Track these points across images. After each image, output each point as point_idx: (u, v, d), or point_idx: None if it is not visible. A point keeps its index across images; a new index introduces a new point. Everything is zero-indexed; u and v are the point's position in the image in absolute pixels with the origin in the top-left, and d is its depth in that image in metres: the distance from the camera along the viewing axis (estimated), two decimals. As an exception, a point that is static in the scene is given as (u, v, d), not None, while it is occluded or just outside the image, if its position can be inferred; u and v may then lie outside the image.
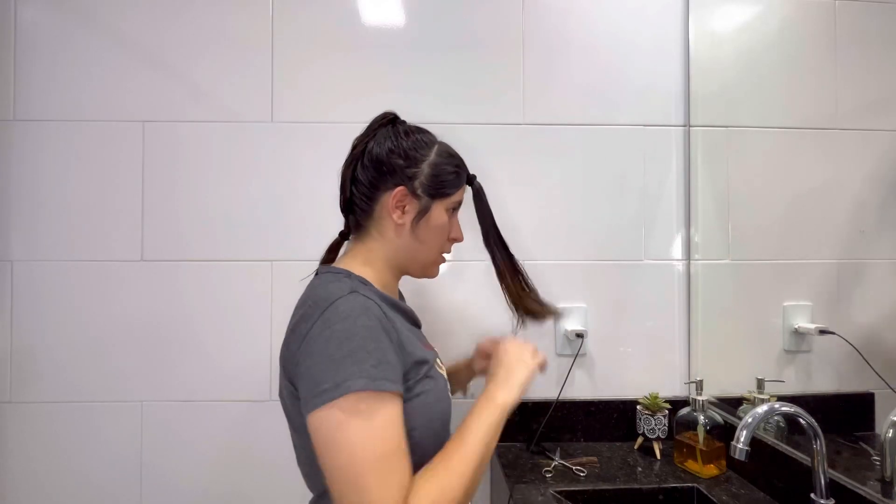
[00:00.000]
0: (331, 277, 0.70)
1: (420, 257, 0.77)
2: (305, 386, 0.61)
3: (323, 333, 0.61)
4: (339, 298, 0.63)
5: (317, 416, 0.58)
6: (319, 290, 0.68)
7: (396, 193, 0.72)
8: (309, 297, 0.69)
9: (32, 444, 1.15)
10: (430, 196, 0.74)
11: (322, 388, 0.58)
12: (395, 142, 0.74)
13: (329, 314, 0.62)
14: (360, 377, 0.58)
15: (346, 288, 0.65)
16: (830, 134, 0.93)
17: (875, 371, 0.81)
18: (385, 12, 1.20)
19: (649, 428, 1.09)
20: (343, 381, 0.57)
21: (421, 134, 0.77)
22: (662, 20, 1.22)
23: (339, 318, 0.61)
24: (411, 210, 0.74)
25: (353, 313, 0.62)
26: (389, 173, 0.73)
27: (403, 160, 0.73)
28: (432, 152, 0.75)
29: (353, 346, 0.59)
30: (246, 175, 1.18)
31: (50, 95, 1.16)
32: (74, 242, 1.15)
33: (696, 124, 1.21)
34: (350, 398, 0.57)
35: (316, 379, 0.59)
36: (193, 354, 1.16)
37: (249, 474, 1.16)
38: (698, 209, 1.20)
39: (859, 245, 0.87)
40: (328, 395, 0.57)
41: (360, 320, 0.61)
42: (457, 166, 0.78)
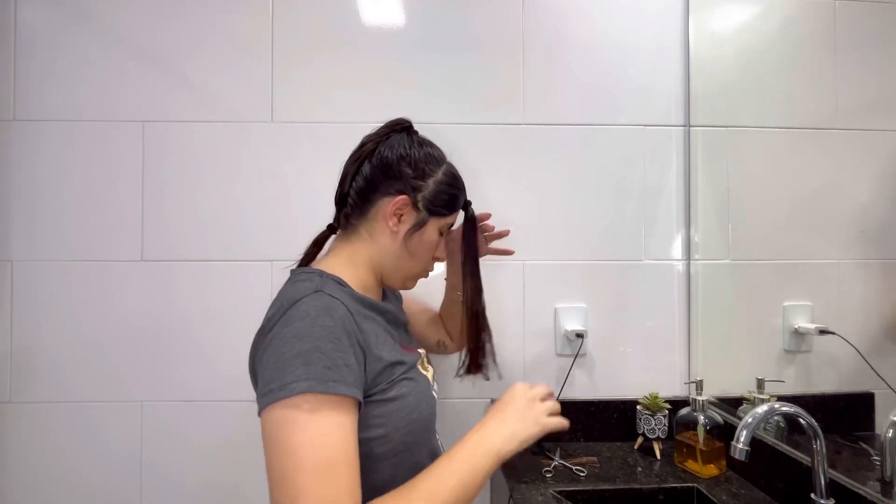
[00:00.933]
0: (302, 277, 0.69)
1: (404, 268, 0.77)
2: (259, 385, 0.60)
3: (281, 332, 0.60)
4: (304, 298, 0.62)
5: (263, 415, 0.57)
6: (289, 290, 0.67)
7: (398, 201, 0.72)
8: (279, 296, 0.69)
9: (32, 444, 1.15)
10: (429, 212, 0.75)
11: (269, 388, 0.56)
12: (407, 150, 0.74)
13: (291, 314, 0.61)
14: (307, 378, 0.55)
15: (311, 287, 0.64)
16: (830, 134, 0.93)
17: (875, 371, 0.81)
18: (385, 12, 1.20)
19: (649, 428, 1.09)
20: (290, 381, 0.55)
21: (432, 149, 0.78)
22: (662, 20, 1.22)
23: (299, 318, 0.60)
24: (408, 221, 0.74)
25: (312, 312, 0.60)
26: (395, 178, 0.73)
27: (412, 170, 0.73)
28: (440, 171, 0.76)
29: (306, 346, 0.57)
30: (246, 175, 1.18)
31: (49, 95, 1.16)
32: (74, 242, 1.15)
33: (696, 124, 1.21)
34: (296, 399, 0.55)
35: (266, 378, 0.58)
36: (193, 354, 1.16)
37: (249, 474, 1.16)
38: (698, 209, 1.20)
39: (859, 245, 0.87)
40: (274, 395, 0.55)
41: (319, 320, 0.59)
42: (458, 189, 0.79)
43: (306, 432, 0.54)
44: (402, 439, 0.65)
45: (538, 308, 1.20)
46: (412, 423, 0.67)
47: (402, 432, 0.66)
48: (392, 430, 0.64)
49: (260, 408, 0.57)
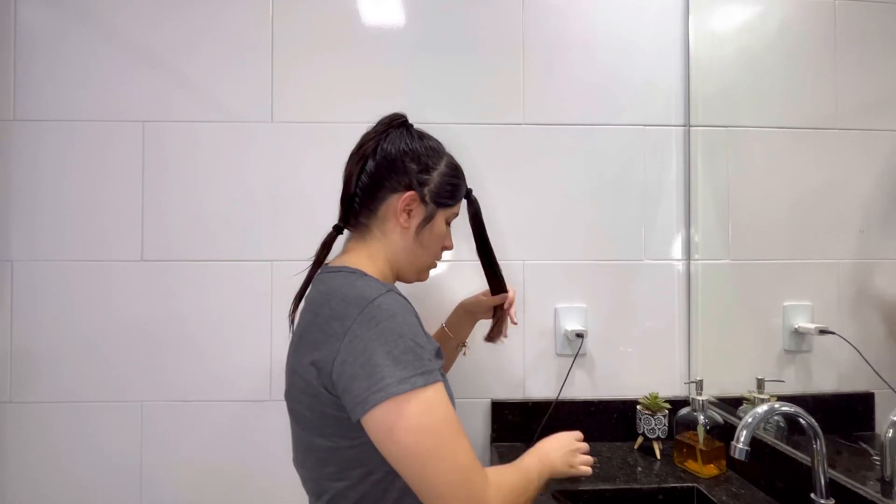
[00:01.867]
0: (352, 276, 0.70)
1: (418, 261, 0.79)
2: (362, 384, 0.60)
3: (371, 331, 0.61)
4: (380, 296, 0.64)
5: (383, 410, 0.59)
6: (346, 288, 0.67)
7: (406, 197, 0.74)
8: (332, 294, 0.67)
9: (32, 444, 1.15)
10: (436, 204, 0.77)
11: (386, 383, 0.59)
12: (409, 144, 0.75)
13: (373, 312, 0.62)
14: (420, 373, 0.60)
15: (380, 286, 0.67)
16: (830, 134, 0.93)
17: (875, 371, 0.81)
18: (385, 12, 1.20)
19: (649, 428, 1.09)
20: (406, 377, 0.60)
21: (432, 141, 0.80)
22: (662, 20, 1.23)
23: (387, 316, 0.62)
24: (417, 215, 0.76)
25: (398, 311, 0.63)
26: (400, 174, 0.74)
27: (416, 165, 0.75)
28: (443, 163, 0.78)
29: (409, 343, 0.61)
30: (246, 175, 1.18)
31: (50, 95, 1.16)
32: (74, 242, 1.15)
33: (696, 124, 1.21)
34: (415, 392, 0.60)
35: (374, 376, 0.60)
36: (193, 354, 1.16)
37: (249, 474, 1.16)
38: (698, 209, 1.20)
39: (859, 245, 0.87)
40: (392, 389, 0.59)
41: (407, 318, 0.64)
42: (461, 179, 0.82)
43: (439, 411, 0.61)
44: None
45: (538, 308, 1.20)
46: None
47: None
48: None
49: (374, 403, 0.60)
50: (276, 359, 1.17)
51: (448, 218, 0.81)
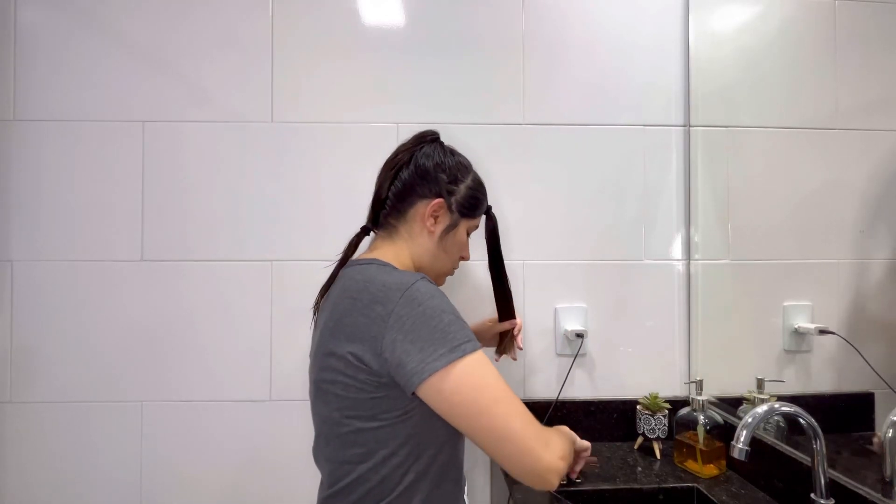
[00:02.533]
0: (387, 267, 0.75)
1: (438, 265, 0.85)
2: (415, 358, 0.65)
3: (415, 311, 0.66)
4: (418, 281, 0.69)
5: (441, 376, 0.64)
6: (382, 276, 0.71)
7: (435, 203, 0.80)
8: (370, 281, 0.71)
9: (32, 443, 1.15)
10: (460, 213, 0.83)
11: (440, 353, 0.64)
12: (442, 158, 0.82)
13: (413, 294, 0.67)
14: (470, 340, 0.67)
15: (415, 274, 0.71)
16: (830, 134, 0.93)
17: (875, 371, 0.81)
18: (385, 12, 1.20)
19: (649, 428, 1.09)
20: (459, 343, 0.65)
21: (461, 157, 0.86)
22: (662, 20, 1.23)
23: (427, 297, 0.68)
24: (443, 221, 0.82)
25: (436, 293, 0.69)
26: (432, 183, 0.81)
27: (447, 176, 0.82)
28: (469, 177, 0.85)
29: (451, 317, 0.67)
30: (246, 175, 1.18)
31: (50, 95, 1.16)
32: (74, 242, 1.15)
33: (696, 124, 1.21)
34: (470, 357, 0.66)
35: (427, 348, 0.65)
36: (193, 354, 1.16)
37: (249, 474, 1.16)
38: (698, 209, 1.20)
39: (859, 245, 0.87)
40: (447, 357, 0.64)
41: (444, 300, 0.69)
42: (484, 195, 0.88)
43: (492, 374, 0.67)
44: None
45: (538, 308, 1.20)
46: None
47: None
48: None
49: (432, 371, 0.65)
50: (276, 359, 1.17)
51: (469, 229, 0.87)
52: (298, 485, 1.14)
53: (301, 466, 1.14)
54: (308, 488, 0.78)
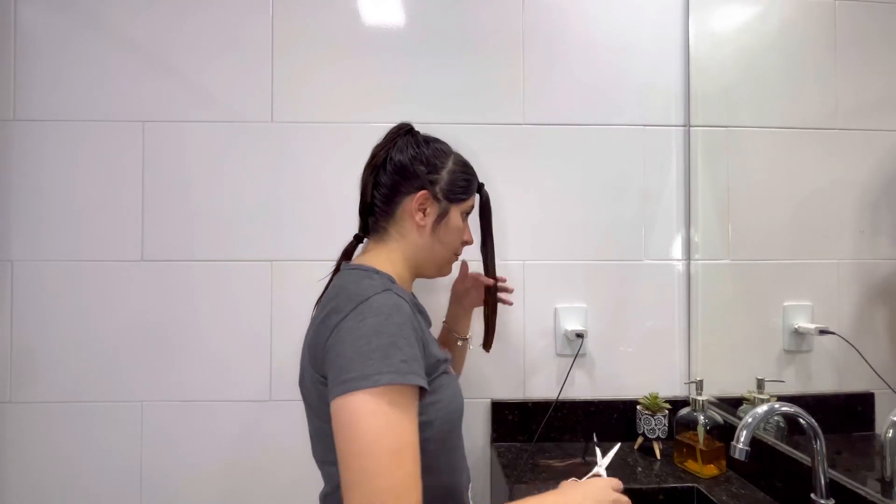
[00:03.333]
0: (361, 274, 0.73)
1: (437, 257, 0.83)
2: (333, 374, 0.63)
3: (355, 326, 0.63)
4: (375, 295, 0.66)
5: (339, 402, 0.60)
6: (351, 285, 0.70)
7: (419, 197, 0.78)
8: (340, 291, 0.70)
9: (32, 444, 1.15)
10: (449, 200, 0.81)
11: (349, 377, 0.60)
12: (416, 150, 0.80)
13: (363, 308, 0.64)
14: (388, 372, 0.60)
15: (379, 286, 0.68)
16: (830, 134, 0.93)
17: (875, 371, 0.81)
18: (385, 12, 1.20)
19: (649, 428, 1.09)
20: (372, 373, 0.59)
21: (439, 143, 0.83)
22: (662, 20, 1.22)
23: (373, 313, 0.64)
24: (432, 213, 0.79)
25: (385, 310, 0.65)
26: (412, 178, 0.78)
27: (425, 166, 0.79)
28: (450, 161, 0.82)
29: (385, 341, 0.62)
30: (246, 175, 1.18)
31: (50, 95, 1.16)
32: (74, 242, 1.15)
33: (696, 124, 1.21)
34: (376, 391, 0.59)
35: (344, 368, 0.61)
36: (193, 355, 1.16)
37: (249, 474, 1.16)
38: (698, 209, 1.20)
39: (859, 245, 0.87)
40: (354, 384, 0.59)
41: (393, 317, 0.64)
42: (471, 174, 0.85)
43: (386, 420, 0.59)
44: (441, 427, 0.70)
45: (538, 308, 1.20)
46: (451, 414, 0.72)
47: (442, 421, 0.70)
48: (434, 418, 0.68)
49: (335, 394, 0.61)
50: (276, 359, 1.17)
51: (463, 212, 0.84)
52: (299, 485, 1.14)
53: (301, 466, 1.14)
54: (309, 488, 0.78)
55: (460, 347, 1.05)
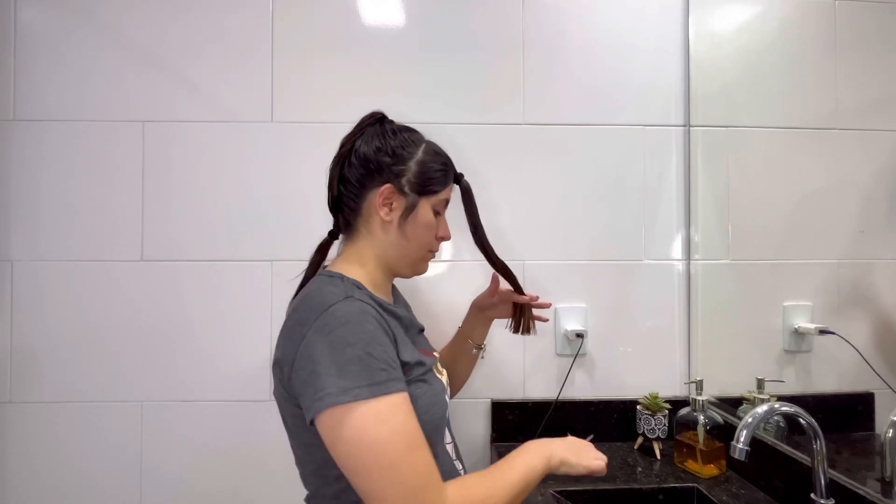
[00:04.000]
0: (326, 280, 0.71)
1: (408, 254, 0.78)
2: (308, 390, 0.61)
3: (323, 339, 0.61)
4: (336, 303, 0.64)
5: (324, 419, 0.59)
6: (314, 294, 0.68)
7: (383, 191, 0.74)
8: (303, 300, 0.69)
9: (32, 444, 1.15)
10: (417, 193, 0.75)
11: (327, 392, 0.59)
12: (382, 140, 0.75)
13: (327, 319, 0.62)
14: (370, 384, 0.59)
15: (340, 293, 0.66)
16: (830, 134, 0.93)
17: (875, 371, 0.81)
18: (385, 12, 1.20)
19: (649, 428, 1.09)
20: (353, 386, 0.58)
21: (408, 133, 0.78)
22: (662, 20, 1.22)
23: (339, 323, 0.62)
24: (398, 207, 0.75)
25: (352, 318, 0.63)
26: (377, 171, 0.74)
27: (391, 158, 0.74)
28: (419, 150, 0.77)
29: (359, 351, 0.60)
30: (246, 175, 1.18)
31: (50, 95, 1.16)
32: (74, 242, 1.15)
33: (696, 124, 1.21)
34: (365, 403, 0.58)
35: (318, 384, 0.59)
36: (193, 354, 1.16)
37: (249, 474, 1.16)
38: (698, 209, 1.20)
39: (859, 245, 0.87)
40: (331, 399, 0.58)
41: (362, 325, 0.63)
42: (444, 164, 0.79)
43: (387, 425, 0.59)
44: None
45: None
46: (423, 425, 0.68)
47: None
48: None
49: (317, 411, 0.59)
50: (276, 359, 1.17)
51: (435, 206, 0.78)
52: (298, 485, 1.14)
53: (301, 466, 1.14)
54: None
55: (473, 355, 1.02)
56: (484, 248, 0.88)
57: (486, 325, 1.03)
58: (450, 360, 1.02)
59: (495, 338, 1.18)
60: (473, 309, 1.02)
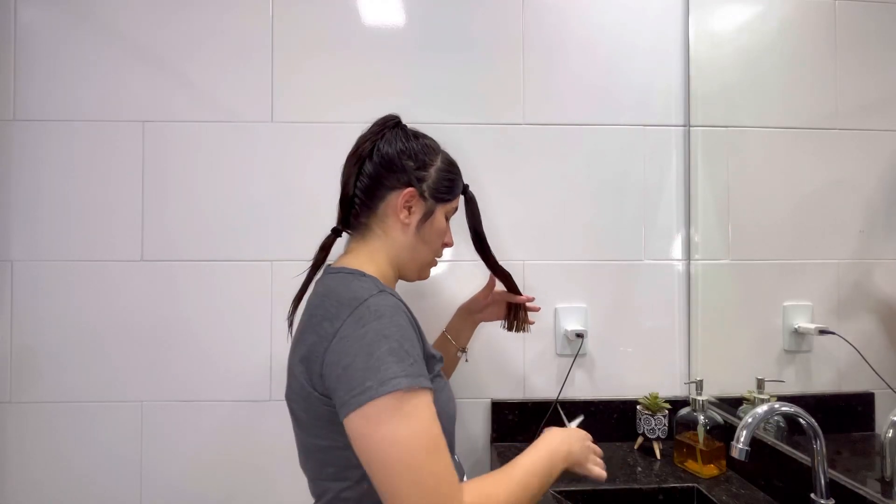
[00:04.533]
0: (349, 277, 0.70)
1: (420, 257, 0.80)
2: (344, 385, 0.60)
3: (357, 332, 0.61)
4: (371, 297, 0.64)
5: (361, 413, 0.58)
6: (341, 289, 0.67)
7: (406, 193, 0.74)
8: (328, 295, 0.68)
9: (32, 444, 1.15)
10: (435, 200, 0.78)
11: (366, 386, 0.58)
12: (405, 144, 0.76)
13: (362, 312, 0.62)
14: (403, 376, 0.59)
15: (372, 287, 0.66)
16: (830, 134, 0.93)
17: (875, 371, 0.81)
18: (385, 12, 1.20)
19: (649, 428, 1.09)
20: (388, 378, 0.58)
21: (427, 140, 0.80)
22: (662, 20, 1.23)
23: (374, 317, 0.62)
24: (417, 211, 0.76)
25: (387, 312, 0.63)
26: (399, 172, 0.75)
27: (414, 162, 0.76)
28: (438, 158, 0.79)
29: (393, 344, 0.60)
30: (246, 175, 1.18)
31: (50, 95, 1.16)
32: (74, 242, 1.15)
33: (696, 124, 1.21)
34: (396, 395, 0.58)
35: (357, 378, 0.59)
36: (193, 354, 1.16)
37: (249, 474, 1.16)
38: (698, 209, 1.20)
39: (859, 245, 0.87)
40: (372, 392, 0.58)
41: (395, 319, 0.63)
42: (457, 175, 0.82)
43: (416, 422, 0.59)
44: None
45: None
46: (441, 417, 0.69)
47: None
48: None
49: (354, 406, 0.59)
50: (276, 359, 1.17)
51: (447, 213, 0.81)
52: (299, 484, 1.14)
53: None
54: (308, 488, 0.78)
55: (456, 358, 1.03)
56: (486, 256, 0.92)
57: (472, 328, 1.04)
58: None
59: (495, 338, 1.18)
60: (462, 312, 1.04)
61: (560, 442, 0.74)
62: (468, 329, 1.04)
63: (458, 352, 1.03)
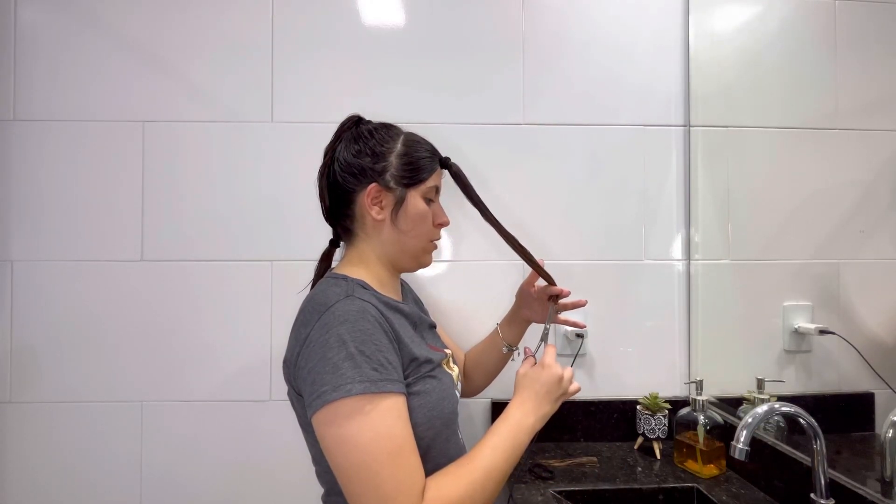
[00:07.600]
0: (330, 282, 0.73)
1: (408, 248, 0.79)
2: (307, 389, 0.62)
3: (322, 337, 0.63)
4: (337, 303, 0.65)
5: (319, 417, 0.61)
6: (318, 295, 0.70)
7: (370, 191, 0.75)
8: (310, 301, 0.71)
9: (32, 444, 1.15)
10: (404, 186, 0.76)
11: (322, 390, 0.60)
12: (360, 143, 0.77)
13: (327, 318, 0.64)
14: (358, 381, 0.60)
15: (342, 292, 0.67)
16: (830, 134, 0.93)
17: (875, 371, 0.81)
18: (385, 12, 1.20)
19: (649, 428, 1.09)
20: (341, 384, 0.59)
21: (385, 129, 0.79)
22: (662, 20, 1.22)
23: (338, 322, 0.63)
24: (388, 204, 0.76)
25: (350, 317, 0.63)
26: (361, 174, 0.75)
27: (371, 158, 0.75)
28: (398, 143, 0.77)
29: (352, 349, 0.61)
30: (246, 175, 1.18)
31: (50, 95, 1.16)
32: (74, 242, 1.15)
33: (696, 124, 1.21)
34: (351, 400, 0.59)
35: (317, 382, 0.61)
36: (193, 354, 1.16)
37: (249, 474, 1.16)
38: (698, 209, 1.20)
39: (859, 245, 0.87)
40: (327, 396, 0.60)
41: (359, 324, 0.63)
42: (427, 151, 0.78)
43: (372, 428, 0.59)
44: (421, 434, 0.67)
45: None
46: (432, 420, 0.70)
47: (423, 427, 0.68)
48: (416, 422, 0.66)
49: (314, 409, 0.61)
50: (276, 359, 1.17)
51: (425, 194, 0.78)
52: (299, 484, 1.14)
53: (302, 466, 1.13)
54: (309, 488, 0.78)
55: (504, 354, 1.00)
56: (493, 224, 0.86)
57: (522, 325, 1.00)
58: (478, 354, 1.02)
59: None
60: (518, 302, 1.00)
61: (524, 414, 0.72)
62: (516, 326, 1.00)
63: (504, 347, 0.99)
